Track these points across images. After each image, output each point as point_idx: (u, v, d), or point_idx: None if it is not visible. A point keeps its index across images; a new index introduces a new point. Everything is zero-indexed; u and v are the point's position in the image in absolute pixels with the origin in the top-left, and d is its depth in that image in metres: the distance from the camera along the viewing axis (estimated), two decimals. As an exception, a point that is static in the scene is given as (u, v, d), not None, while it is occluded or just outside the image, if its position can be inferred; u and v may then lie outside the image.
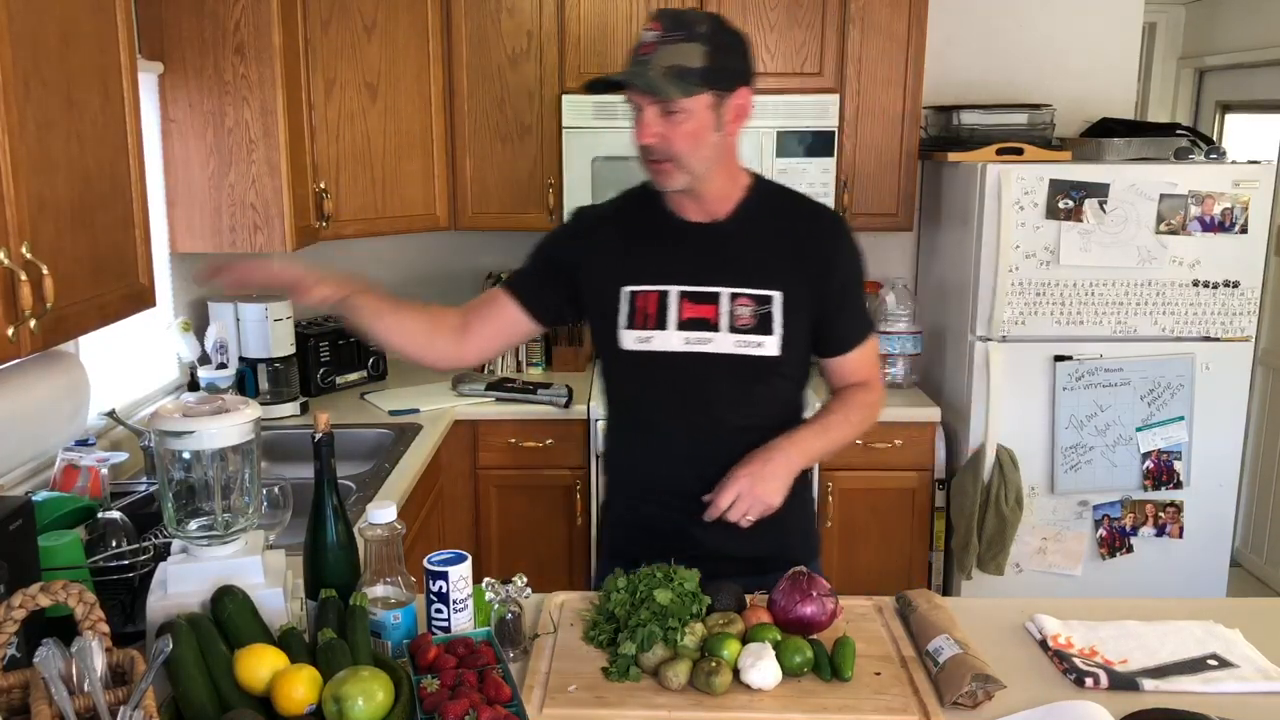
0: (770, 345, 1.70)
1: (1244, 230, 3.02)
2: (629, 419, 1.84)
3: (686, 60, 1.56)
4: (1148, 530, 3.18)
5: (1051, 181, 2.99)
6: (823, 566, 1.91)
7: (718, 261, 1.72)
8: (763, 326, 1.69)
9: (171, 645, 1.24)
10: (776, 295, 1.70)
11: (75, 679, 1.21)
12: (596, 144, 3.19)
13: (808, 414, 1.83)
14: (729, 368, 1.70)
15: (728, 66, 1.60)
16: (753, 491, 1.63)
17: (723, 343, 1.70)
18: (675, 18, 1.58)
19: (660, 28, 1.58)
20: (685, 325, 1.70)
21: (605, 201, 1.88)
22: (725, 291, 1.70)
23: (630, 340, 1.73)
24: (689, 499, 1.70)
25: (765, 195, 1.76)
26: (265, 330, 2.98)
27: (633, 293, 1.73)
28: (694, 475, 1.71)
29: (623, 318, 1.74)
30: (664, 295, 1.71)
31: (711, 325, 1.70)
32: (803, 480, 1.84)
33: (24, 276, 1.41)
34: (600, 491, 3.11)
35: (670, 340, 1.70)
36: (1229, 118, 4.50)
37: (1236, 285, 3.06)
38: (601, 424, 3.02)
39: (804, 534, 1.89)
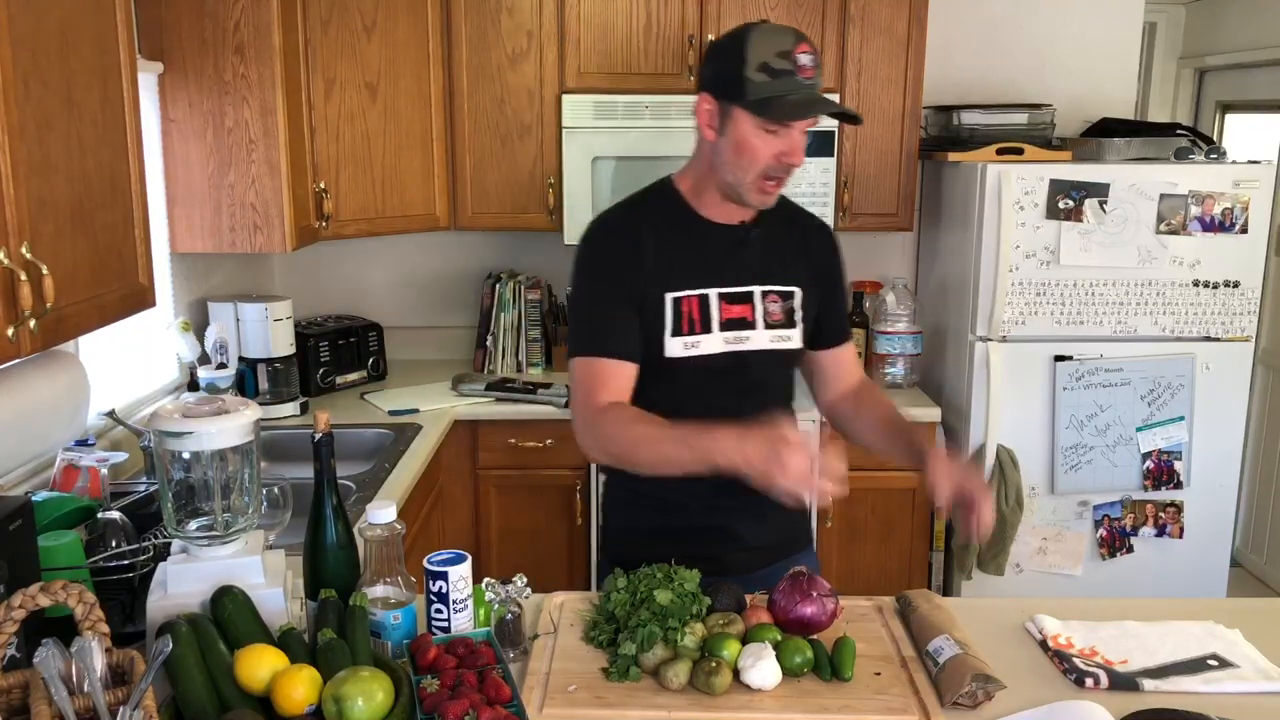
0: (796, 338, 1.80)
1: (1244, 230, 3.02)
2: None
3: (825, 83, 1.65)
4: (1148, 530, 3.18)
5: (1052, 181, 2.99)
6: (818, 558, 1.99)
7: (747, 261, 1.76)
8: (790, 320, 1.79)
9: (171, 645, 1.24)
10: (797, 290, 1.79)
11: (75, 679, 1.21)
12: (596, 144, 3.19)
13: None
14: (763, 362, 1.77)
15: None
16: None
17: (759, 339, 1.76)
18: (810, 41, 1.63)
19: (811, 50, 1.61)
20: (725, 326, 1.74)
21: (619, 206, 1.82)
22: (758, 290, 1.76)
23: (677, 347, 1.72)
24: (730, 494, 1.60)
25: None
26: (265, 330, 2.98)
27: (676, 299, 1.72)
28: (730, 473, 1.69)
29: (669, 325, 1.71)
30: (705, 298, 1.73)
31: (749, 324, 1.75)
32: None
33: (24, 276, 1.41)
34: (598, 491, 3.11)
35: (714, 343, 1.74)
36: (1229, 118, 4.50)
37: (1237, 285, 3.06)
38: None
39: (803, 517, 1.98)
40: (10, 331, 1.42)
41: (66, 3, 1.58)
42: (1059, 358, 3.08)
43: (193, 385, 2.76)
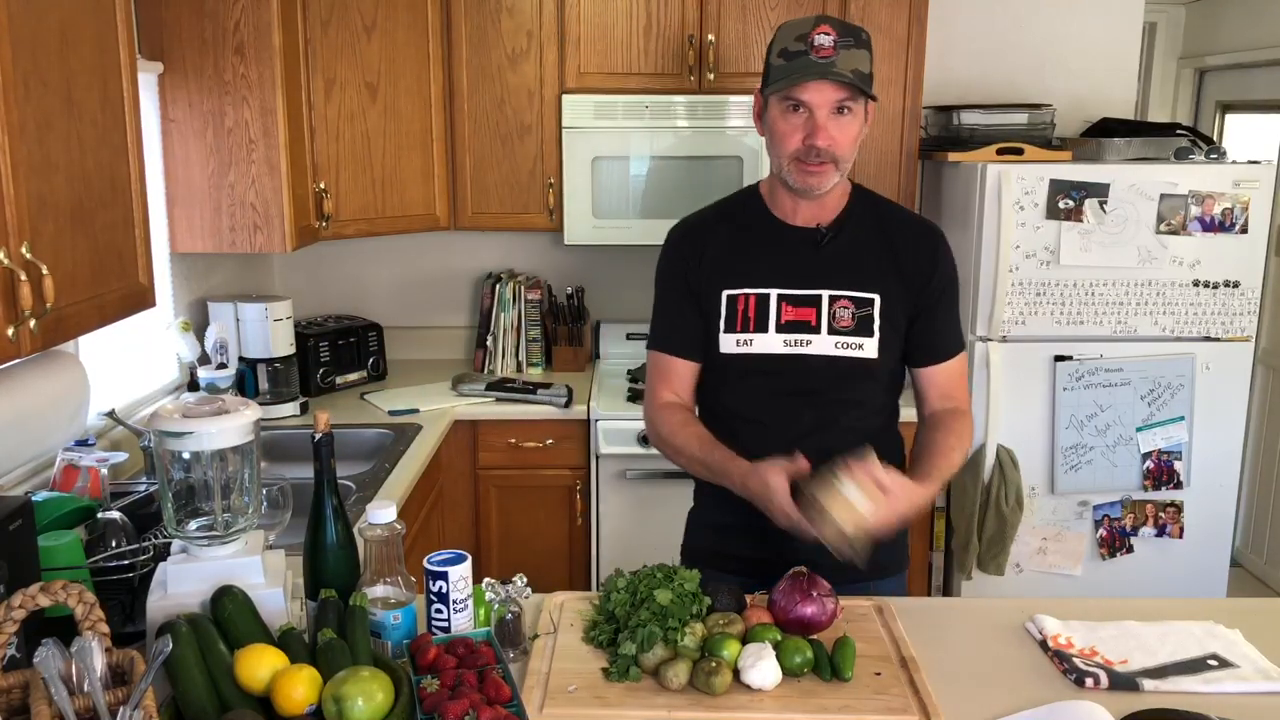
0: (870, 347, 1.73)
1: (1244, 230, 3.02)
2: (725, 420, 1.81)
3: (863, 65, 1.63)
4: (1148, 530, 3.18)
5: (1052, 181, 2.99)
6: (906, 580, 1.91)
7: (818, 265, 1.74)
8: (863, 329, 1.73)
9: (171, 645, 1.24)
10: (876, 298, 1.73)
11: (75, 679, 1.21)
12: (596, 144, 3.19)
13: (900, 419, 1.86)
14: (828, 369, 1.73)
15: (873, 75, 1.67)
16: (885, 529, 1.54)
17: (823, 345, 1.72)
18: (841, 25, 1.62)
19: (834, 32, 1.61)
20: (785, 328, 1.72)
21: (704, 209, 1.89)
22: (826, 294, 1.73)
23: (729, 344, 1.75)
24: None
25: (867, 203, 1.81)
26: (265, 330, 2.98)
27: (730, 296, 1.75)
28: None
29: (722, 321, 1.75)
30: (763, 298, 1.73)
31: (812, 328, 1.72)
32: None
33: (24, 276, 1.41)
34: (598, 491, 3.12)
35: (770, 343, 1.73)
36: (1229, 118, 4.50)
37: (1237, 285, 3.06)
38: (605, 426, 3.05)
39: (900, 545, 1.86)
40: (10, 331, 1.42)
41: (66, 3, 1.58)
42: (1059, 358, 3.08)
43: (193, 385, 2.76)
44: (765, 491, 1.56)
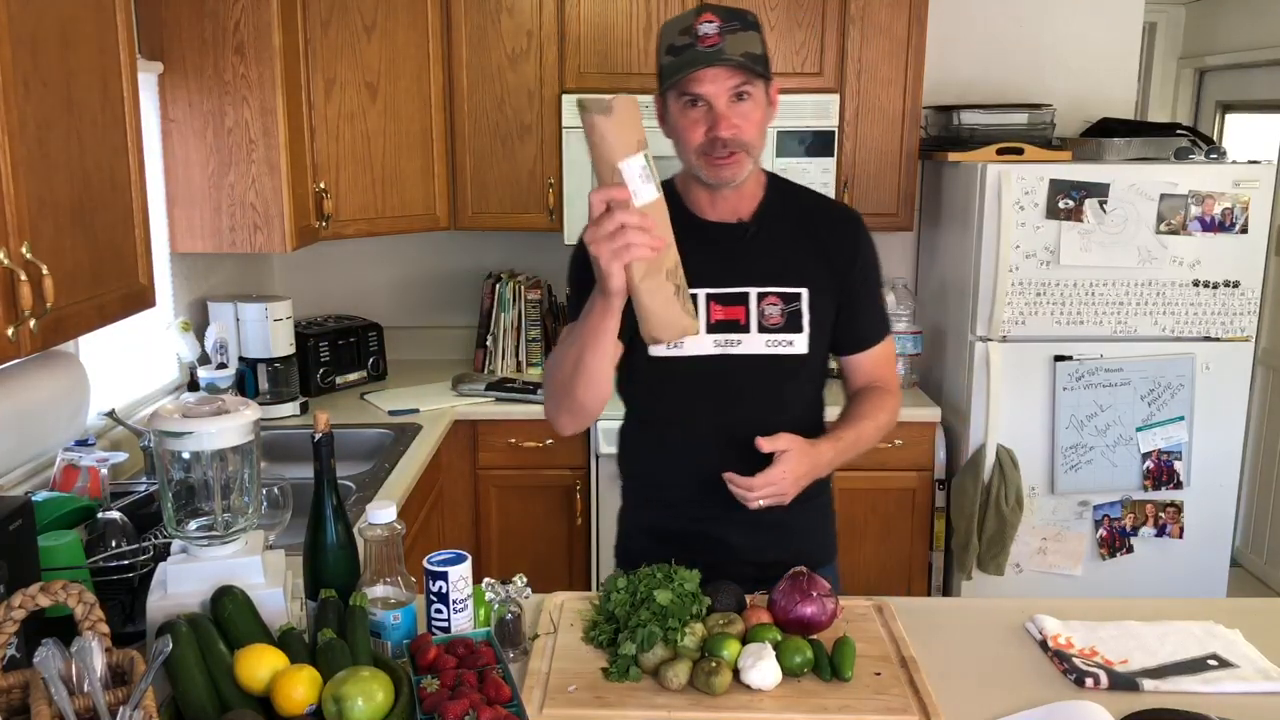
0: (800, 343, 1.71)
1: (1244, 230, 3.02)
2: (654, 426, 1.81)
3: (753, 47, 1.58)
4: (1148, 530, 3.18)
5: (1052, 181, 2.99)
6: (839, 570, 1.91)
7: (744, 261, 1.71)
8: (792, 325, 1.70)
9: (171, 645, 1.24)
10: (804, 292, 1.71)
11: (75, 679, 1.21)
12: (596, 144, 3.19)
13: (826, 413, 1.83)
14: (759, 368, 1.70)
15: (768, 56, 1.63)
16: (783, 489, 1.60)
17: (753, 343, 1.69)
18: (724, 11, 1.58)
19: (718, 19, 1.57)
20: (715, 328, 1.69)
21: None
22: (753, 291, 1.70)
23: (661, 347, 1.69)
24: (717, 503, 1.66)
25: (784, 193, 1.77)
26: (265, 330, 2.98)
27: None
28: (721, 478, 1.68)
29: None
30: (692, 299, 1.68)
31: (742, 326, 1.69)
32: (824, 484, 1.84)
33: (24, 276, 1.41)
34: (598, 491, 3.12)
35: (701, 344, 1.69)
36: (1229, 118, 4.50)
37: (1237, 285, 3.06)
38: (604, 425, 3.05)
39: (828, 533, 1.89)
40: (10, 331, 1.42)
41: (66, 2, 1.58)
42: (1059, 358, 3.08)
43: (193, 385, 2.76)
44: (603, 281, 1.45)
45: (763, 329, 1.70)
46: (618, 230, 1.39)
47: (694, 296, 1.68)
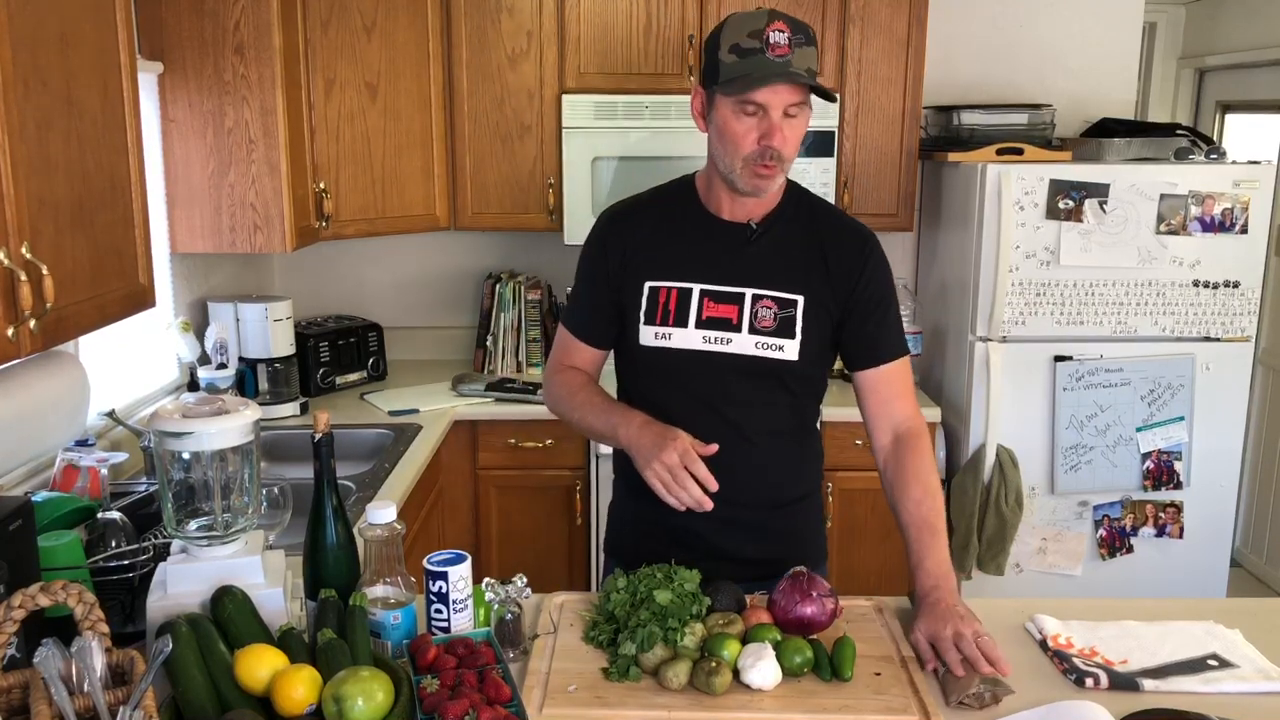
0: (790, 349, 1.69)
1: (1244, 230, 3.02)
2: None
3: (813, 64, 1.60)
4: (1148, 530, 3.18)
5: (1052, 181, 2.99)
6: (829, 571, 1.90)
7: (743, 262, 1.71)
8: (785, 330, 1.69)
9: (171, 645, 1.24)
10: (800, 299, 1.70)
11: (75, 679, 1.21)
12: (596, 144, 3.19)
13: (825, 413, 1.86)
14: (747, 369, 1.70)
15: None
16: (975, 643, 1.47)
17: (743, 344, 1.69)
18: (793, 22, 1.58)
19: (788, 30, 1.56)
20: (706, 324, 1.70)
21: (636, 196, 1.85)
22: (749, 292, 1.70)
23: (648, 336, 1.72)
24: (727, 504, 1.64)
25: (799, 202, 1.77)
26: (265, 330, 2.98)
27: (653, 288, 1.73)
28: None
29: (642, 313, 1.73)
30: (685, 293, 1.71)
31: (733, 326, 1.69)
32: (813, 484, 1.85)
33: (24, 276, 1.41)
34: (598, 491, 3.12)
35: (689, 339, 1.70)
36: (1229, 118, 4.50)
37: (1236, 285, 3.06)
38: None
39: (813, 538, 1.88)
40: (10, 331, 1.42)
41: (66, 3, 1.58)
42: (1059, 358, 3.08)
43: (193, 385, 2.76)
44: (664, 438, 1.59)
45: (754, 330, 1.69)
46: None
47: (688, 291, 1.71)
